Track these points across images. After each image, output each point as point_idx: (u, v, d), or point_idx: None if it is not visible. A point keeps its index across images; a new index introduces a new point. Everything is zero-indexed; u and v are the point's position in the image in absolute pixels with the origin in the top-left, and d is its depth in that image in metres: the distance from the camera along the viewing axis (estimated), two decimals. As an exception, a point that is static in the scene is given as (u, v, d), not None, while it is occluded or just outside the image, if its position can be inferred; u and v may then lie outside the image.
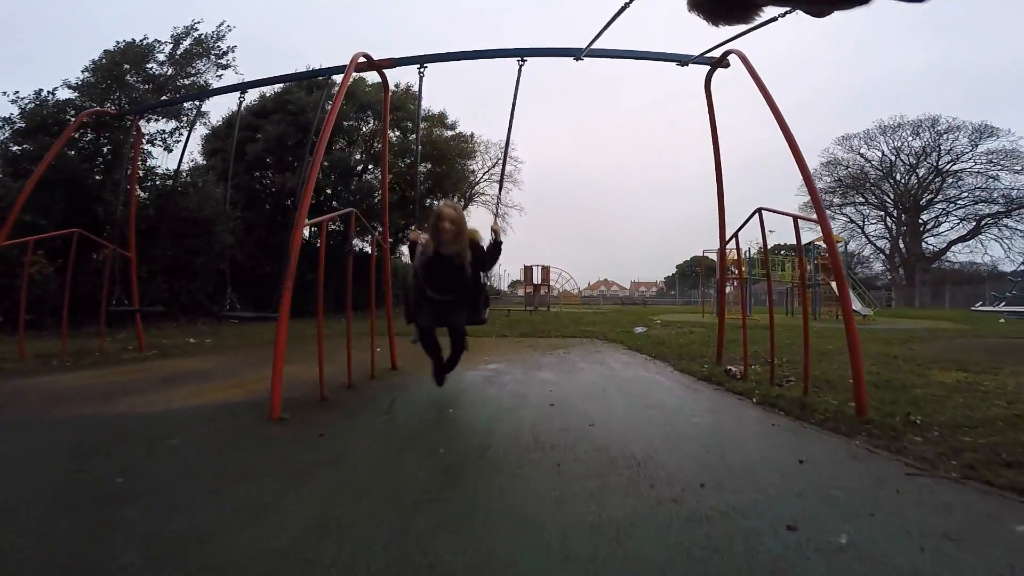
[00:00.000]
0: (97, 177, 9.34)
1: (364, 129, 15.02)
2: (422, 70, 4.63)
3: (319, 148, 3.72)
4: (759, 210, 4.16)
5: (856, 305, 16.02)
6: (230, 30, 11.19)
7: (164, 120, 10.36)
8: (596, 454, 2.61)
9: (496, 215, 4.98)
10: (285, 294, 3.44)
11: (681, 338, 8.30)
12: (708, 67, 4.62)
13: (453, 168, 15.15)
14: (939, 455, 2.77)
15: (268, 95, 14.63)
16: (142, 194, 9.84)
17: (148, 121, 10.24)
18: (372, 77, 15.97)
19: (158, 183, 10.24)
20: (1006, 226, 35.40)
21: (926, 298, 35.27)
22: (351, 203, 14.51)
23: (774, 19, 2.69)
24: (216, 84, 11.40)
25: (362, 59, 4.49)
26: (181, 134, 10.66)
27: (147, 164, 10.10)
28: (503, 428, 3.07)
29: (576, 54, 4.35)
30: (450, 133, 16.13)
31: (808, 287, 17.95)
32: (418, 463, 2.49)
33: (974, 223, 36.05)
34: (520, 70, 4.51)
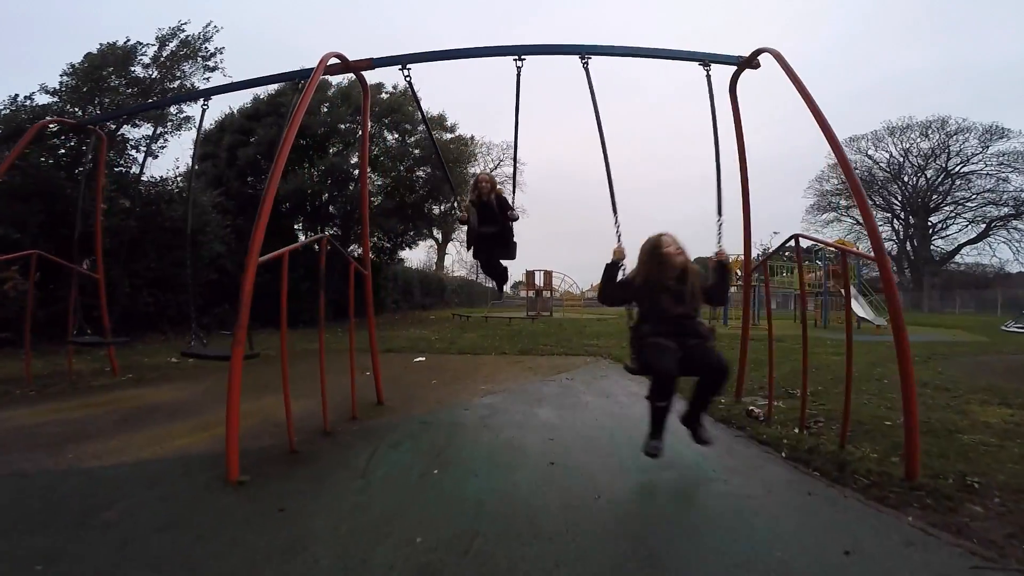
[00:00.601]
0: (72, 188, 8.93)
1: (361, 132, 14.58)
2: (406, 71, 4.17)
3: (279, 161, 3.28)
4: (796, 237, 3.69)
5: (864, 313, 15.45)
6: (218, 31, 10.77)
7: (148, 125, 9.94)
8: (603, 545, 2.17)
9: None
10: (237, 349, 2.99)
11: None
12: (734, 67, 4.14)
13: (452, 172, 14.68)
14: (1007, 537, 2.33)
15: (262, 97, 14.23)
16: (125, 203, 9.42)
17: (132, 127, 9.86)
18: (371, 78, 15.57)
19: (143, 191, 9.81)
20: (1016, 228, 34.80)
21: (935, 301, 34.65)
22: (346, 212, 14.11)
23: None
24: (203, 87, 10.96)
25: (334, 60, 4.03)
26: (167, 140, 10.29)
27: (130, 172, 9.69)
28: (494, 504, 2.61)
29: (581, 52, 3.88)
30: (449, 136, 15.67)
31: (818, 294, 17.45)
32: (390, 557, 2.06)
33: (984, 225, 35.42)
34: (519, 71, 4.05)
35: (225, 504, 2.62)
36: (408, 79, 4.28)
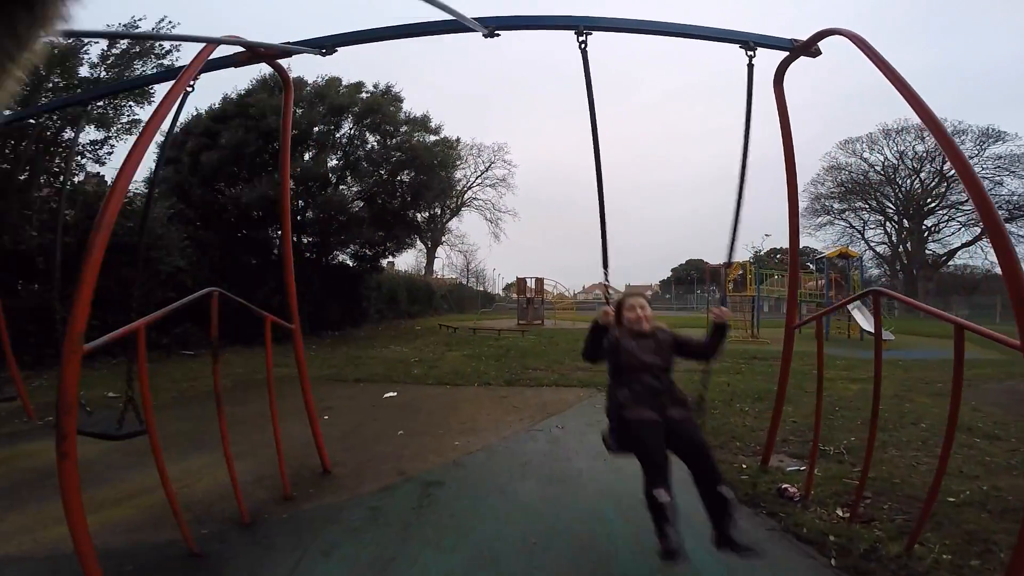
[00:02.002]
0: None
1: (339, 134, 13.66)
2: (324, 54, 3.23)
3: (123, 171, 2.41)
4: (875, 292, 2.87)
5: (870, 325, 14.73)
6: (174, 26, 9.77)
7: (95, 129, 8.98)
8: None
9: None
10: (64, 446, 2.12)
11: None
12: (785, 53, 3.27)
13: (434, 177, 13.77)
14: None
15: (231, 97, 13.27)
16: (69, 214, 8.44)
17: (78, 132, 8.88)
18: (348, 76, 14.62)
19: (88, 202, 8.84)
20: (1009, 232, 34.40)
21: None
22: (319, 220, 13.18)
23: None
24: (159, 88, 10.01)
25: (238, 49, 3.14)
26: (113, 146, 9.30)
27: (75, 182, 8.72)
28: None
29: (577, 25, 2.98)
30: (433, 138, 14.77)
31: (819, 303, 16.74)
32: None
33: (980, 228, 35.03)
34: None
35: None
36: (326, 53, 3.26)
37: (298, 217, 13.98)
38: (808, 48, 3.08)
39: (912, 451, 4.43)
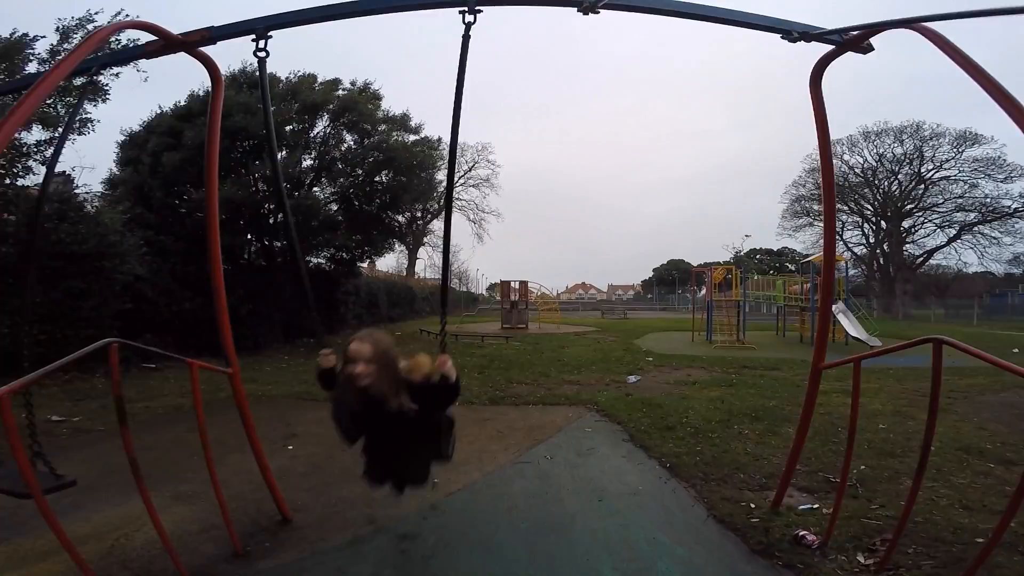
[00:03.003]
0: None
1: (312, 133, 13.05)
2: (260, 46, 2.75)
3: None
4: (938, 341, 2.50)
5: (856, 332, 14.63)
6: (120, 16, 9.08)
7: (41, 129, 8.27)
8: None
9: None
10: None
11: (692, 404, 6.64)
12: (830, 47, 2.83)
13: (414, 178, 13.24)
14: None
15: (198, 94, 12.56)
16: (9, 219, 7.76)
17: (19, 132, 8.19)
18: (324, 73, 14.00)
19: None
20: (981, 233, 35.16)
21: (908, 308, 34.76)
22: (297, 223, 12.55)
23: None
24: (112, 84, 9.36)
25: (149, 39, 2.66)
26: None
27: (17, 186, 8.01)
28: None
29: (581, 2, 2.54)
30: (413, 138, 14.24)
31: (805, 308, 16.65)
32: None
33: (956, 229, 35.71)
34: (468, 28, 2.53)
35: None
36: (262, 50, 2.80)
37: (270, 220, 13.35)
38: (859, 43, 2.64)
39: (929, 481, 4.11)
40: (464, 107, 2.63)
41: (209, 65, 3.18)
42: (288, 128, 12.47)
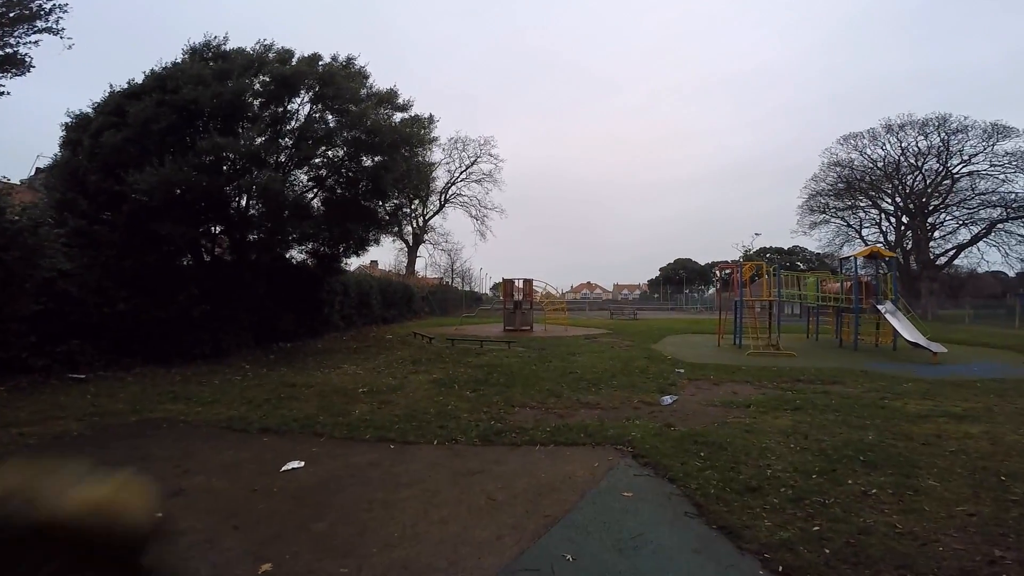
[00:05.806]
0: None
1: (280, 109, 11.25)
2: None
3: None
4: None
5: (913, 336, 12.61)
6: None
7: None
8: None
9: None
10: None
11: (764, 442, 4.79)
12: None
13: (398, 158, 11.39)
14: None
15: (147, 72, 10.83)
16: None
17: None
18: (302, 48, 12.19)
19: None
20: (1007, 231, 33.06)
21: (935, 308, 32.69)
22: (263, 213, 10.80)
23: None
24: (35, 54, 7.66)
25: None
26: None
27: None
28: None
29: None
30: (400, 116, 12.40)
31: (847, 310, 14.75)
32: None
33: (985, 227, 33.57)
34: None
35: None
36: None
37: (241, 210, 11.60)
38: None
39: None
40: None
41: None
42: (256, 102, 10.72)
